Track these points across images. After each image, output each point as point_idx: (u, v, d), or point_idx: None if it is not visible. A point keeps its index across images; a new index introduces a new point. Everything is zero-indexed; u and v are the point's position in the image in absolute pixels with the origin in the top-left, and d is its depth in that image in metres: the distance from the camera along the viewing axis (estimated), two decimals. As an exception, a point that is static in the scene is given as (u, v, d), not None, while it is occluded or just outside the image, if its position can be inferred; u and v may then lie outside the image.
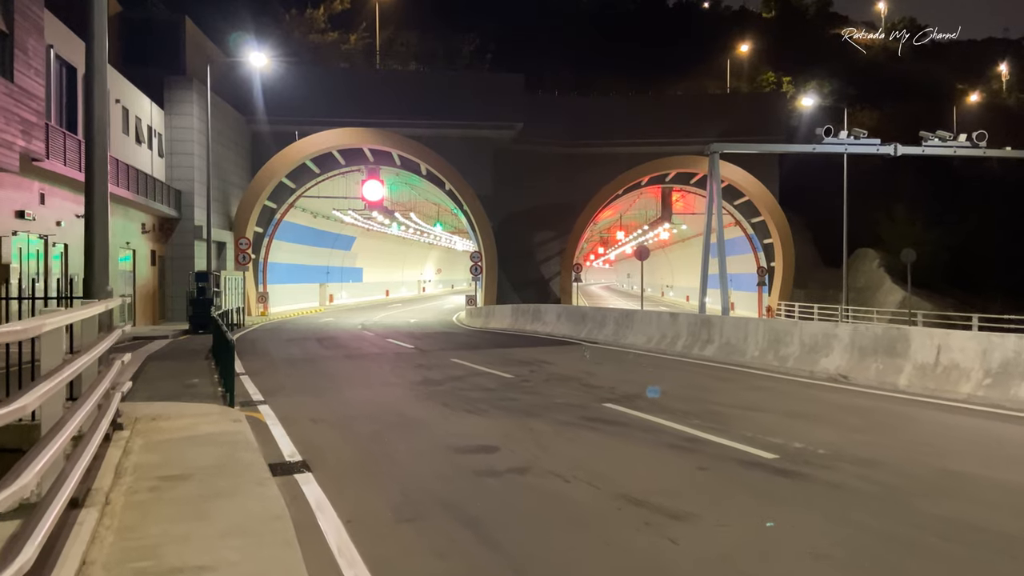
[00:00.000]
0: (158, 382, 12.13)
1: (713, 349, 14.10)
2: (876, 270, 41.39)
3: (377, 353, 16.95)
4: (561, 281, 44.93)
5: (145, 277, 28.09)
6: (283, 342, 20.49)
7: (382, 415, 8.86)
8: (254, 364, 14.52)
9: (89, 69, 7.30)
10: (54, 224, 19.65)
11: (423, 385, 11.36)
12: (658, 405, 9.23)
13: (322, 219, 46.66)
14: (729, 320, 14.08)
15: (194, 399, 10.28)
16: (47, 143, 17.31)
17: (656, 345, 15.84)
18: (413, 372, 12.97)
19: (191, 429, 7.48)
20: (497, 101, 40.16)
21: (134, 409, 8.65)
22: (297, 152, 36.94)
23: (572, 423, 8.19)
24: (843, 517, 4.95)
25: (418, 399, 10.01)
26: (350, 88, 39.66)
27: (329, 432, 7.97)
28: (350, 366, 14.29)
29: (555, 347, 17.63)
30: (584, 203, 43.50)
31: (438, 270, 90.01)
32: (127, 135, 26.01)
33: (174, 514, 4.71)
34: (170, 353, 17.72)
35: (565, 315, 20.66)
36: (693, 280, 65.09)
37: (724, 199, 46.45)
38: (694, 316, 15.07)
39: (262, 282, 38.57)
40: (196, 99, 30.61)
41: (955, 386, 9.52)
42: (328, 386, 11.46)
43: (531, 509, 5.18)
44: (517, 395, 10.22)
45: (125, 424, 7.50)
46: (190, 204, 30.65)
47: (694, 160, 42.93)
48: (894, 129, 41.07)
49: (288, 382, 11.90)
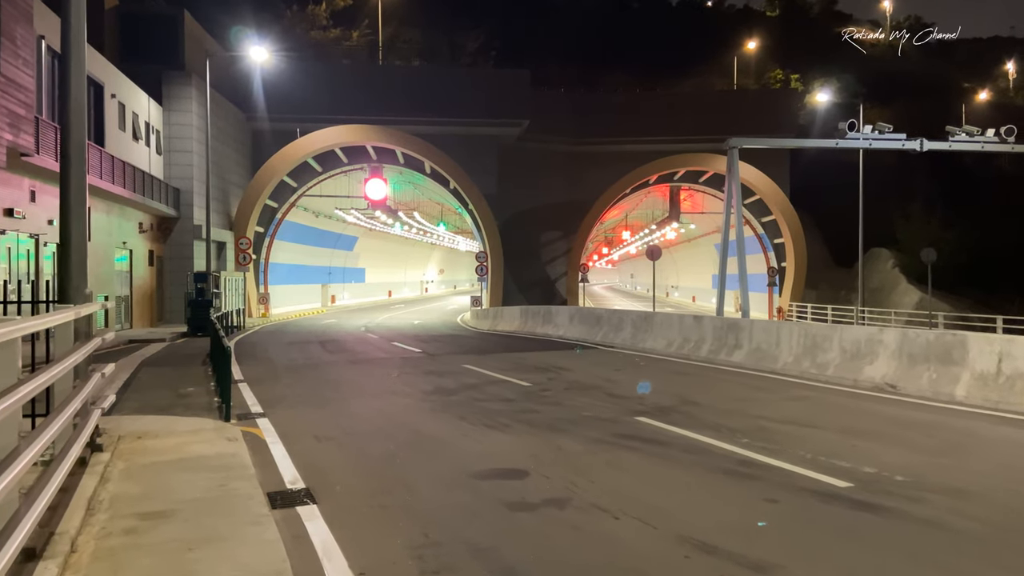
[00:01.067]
0: (150, 391, 11.31)
1: (742, 355, 13.25)
2: (891, 270, 40.50)
3: (383, 358, 16.12)
4: (568, 282, 44.09)
5: (143, 278, 27.28)
6: (284, 345, 19.67)
7: (394, 431, 8.03)
8: (254, 370, 13.70)
9: (65, 44, 6.47)
10: (45, 223, 18.82)
11: (436, 395, 10.52)
12: (697, 419, 8.39)
13: (324, 219, 45.84)
14: (759, 323, 13.23)
15: (187, 411, 9.47)
16: (37, 137, 16.49)
17: (678, 350, 15.00)
18: (424, 380, 12.14)
19: (180, 450, 6.65)
20: (502, 98, 39.30)
21: (119, 425, 7.83)
22: (299, 150, 36.12)
23: (605, 441, 7.34)
24: (959, 569, 4.11)
25: (432, 411, 9.18)
26: (352, 85, 38.82)
27: (336, 452, 7.13)
28: (356, 372, 13.46)
29: (570, 352, 16.79)
30: (591, 202, 42.66)
31: (441, 271, 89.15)
32: (124, 131, 25.20)
33: (151, 569, 3.87)
34: (166, 358, 16.90)
35: (578, 317, 19.80)
36: (699, 280, 64.33)
37: (734, 198, 45.63)
38: (719, 319, 14.22)
39: (263, 283, 37.76)
40: (195, 95, 29.80)
41: (1021, 397, 8.67)
42: (333, 396, 10.62)
43: (579, 557, 4.34)
44: (538, 406, 9.38)
45: (106, 445, 6.67)
46: (189, 203, 29.83)
47: (704, 158, 42.08)
48: (904, 127, 40.20)
49: (290, 391, 11.07)
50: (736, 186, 21.00)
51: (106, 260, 23.86)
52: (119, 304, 25.09)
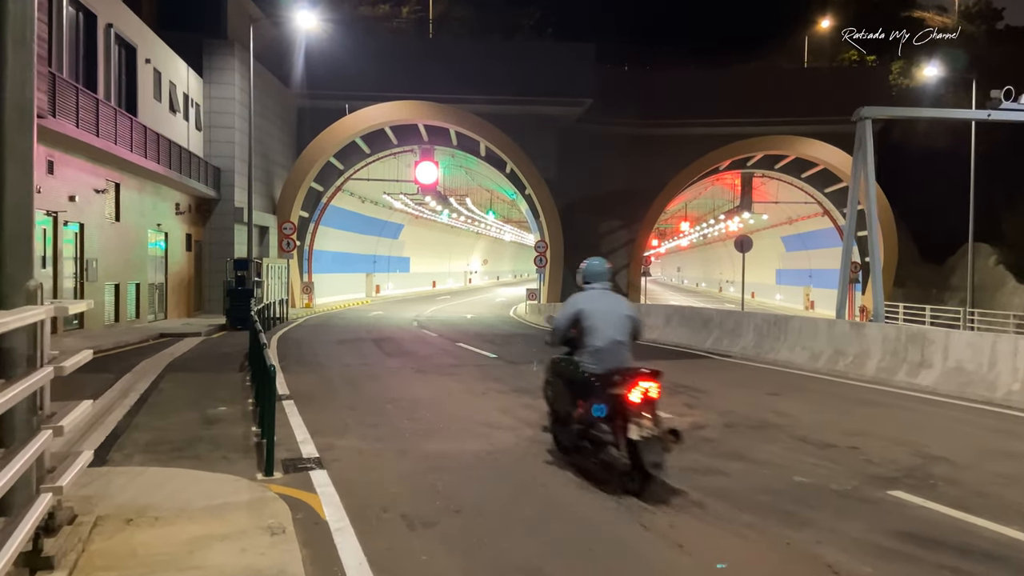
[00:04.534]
0: (171, 411, 8.67)
1: (932, 376, 10.08)
2: (994, 268, 36.31)
3: (453, 364, 13.34)
4: (629, 275, 40.88)
5: (179, 263, 25.03)
6: (334, 344, 17.04)
7: (526, 508, 5.15)
8: (302, 380, 11.02)
9: None
10: (66, 199, 16.49)
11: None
12: (998, 500, 5.35)
13: (370, 204, 43.42)
14: (959, 335, 10.03)
15: (215, 449, 6.77)
16: (53, 97, 14.08)
17: (828, 365, 11.86)
18: (522, 404, 9.27)
19: (187, 560, 3.89)
20: (563, 75, 36.10)
21: (106, 488, 5.12)
22: (346, 128, 33.60)
23: (891, 554, 4.36)
24: None
25: (564, 463, 6.27)
26: (404, 59, 36.03)
27: (447, 557, 4.28)
28: (429, 388, 10.68)
29: (682, 362, 13.77)
30: (657, 189, 39.33)
31: (484, 261, 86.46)
32: (159, 102, 22.86)
33: None
34: (198, 358, 14.39)
35: (678, 318, 16.70)
36: (760, 275, 60.17)
37: (814, 186, 41.78)
38: (893, 328, 11.03)
39: (307, 271, 35.46)
40: (238, 67, 27.41)
41: None
42: (411, 427, 7.83)
43: None
44: (713, 461, 6.43)
45: (66, 546, 3.93)
46: (230, 183, 27.51)
47: (785, 141, 38.41)
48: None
49: (352, 418, 8.31)
50: (870, 162, 17.64)
51: (138, 243, 21.59)
52: (152, 292, 22.83)
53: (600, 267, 6.15)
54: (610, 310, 5.85)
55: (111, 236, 19.51)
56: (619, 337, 5.78)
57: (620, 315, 5.85)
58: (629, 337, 5.87)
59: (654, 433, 5.15)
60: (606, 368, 5.62)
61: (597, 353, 5.73)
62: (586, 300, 5.94)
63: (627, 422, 5.22)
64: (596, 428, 5.51)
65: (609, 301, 5.95)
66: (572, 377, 5.88)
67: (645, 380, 5.32)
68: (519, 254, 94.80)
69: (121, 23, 19.85)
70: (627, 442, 5.22)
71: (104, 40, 18.66)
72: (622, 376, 5.42)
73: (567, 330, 5.99)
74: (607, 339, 5.74)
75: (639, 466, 5.16)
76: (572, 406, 5.82)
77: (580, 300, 5.97)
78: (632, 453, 5.21)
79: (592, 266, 6.17)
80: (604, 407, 5.37)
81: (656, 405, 5.38)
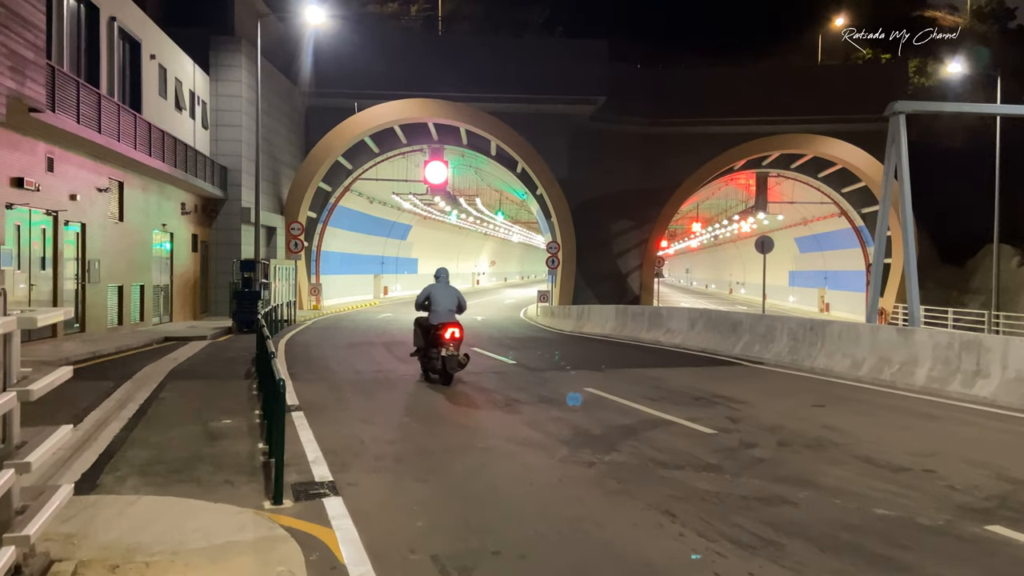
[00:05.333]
0: (171, 426, 8.01)
1: (991, 387, 9.34)
2: (1017, 269, 35.43)
3: (470, 371, 12.59)
4: (642, 276, 40.12)
5: (185, 265, 24.43)
6: (344, 348, 16.39)
7: (564, 546, 4.46)
8: (311, 389, 10.36)
9: None
10: (66, 197, 15.88)
11: (584, 448, 6.93)
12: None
13: (378, 204, 42.81)
14: (1017, 343, 9.28)
15: (218, 471, 6.11)
16: (52, 90, 13.46)
17: (872, 374, 11.12)
18: (547, 415, 8.59)
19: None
20: (576, 73, 35.37)
21: (91, 522, 4.45)
22: (355, 127, 32.97)
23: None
24: None
25: (602, 491, 5.57)
26: (412, 57, 35.34)
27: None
28: (447, 398, 9.99)
29: (712, 369, 13.06)
30: (671, 189, 38.54)
31: (492, 262, 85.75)
32: (165, 99, 22.27)
33: None
34: (203, 364, 13.75)
35: (703, 322, 15.96)
36: (774, 277, 59.08)
37: (831, 186, 40.90)
38: (945, 335, 10.28)
39: (315, 272, 34.87)
40: (245, 63, 26.83)
41: None
42: (432, 445, 7.15)
43: None
44: (774, 487, 5.73)
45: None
46: (237, 183, 26.93)
47: (803, 139, 37.58)
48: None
49: (367, 433, 7.64)
50: (904, 156, 16.90)
51: (143, 244, 20.99)
52: (156, 294, 22.24)
53: (444, 273, 11.13)
54: (446, 294, 10.90)
55: (114, 236, 18.92)
56: (450, 307, 10.82)
57: (451, 297, 10.89)
58: (455, 308, 10.87)
59: (452, 353, 10.38)
60: (439, 322, 10.59)
61: (436, 315, 10.72)
62: (434, 288, 10.96)
63: (440, 347, 10.45)
64: (432, 353, 10.59)
65: (446, 289, 10.97)
66: (425, 326, 10.85)
67: (452, 327, 10.46)
68: (527, 255, 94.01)
69: (125, 17, 19.26)
70: (440, 358, 10.43)
71: (107, 34, 18.06)
72: (443, 325, 10.49)
73: (423, 303, 10.96)
74: (443, 308, 10.77)
75: (445, 370, 10.42)
76: (423, 341, 10.86)
77: (431, 288, 10.99)
78: (442, 363, 10.41)
79: (440, 272, 11.15)
80: (434, 339, 10.56)
81: (460, 343, 10.58)
